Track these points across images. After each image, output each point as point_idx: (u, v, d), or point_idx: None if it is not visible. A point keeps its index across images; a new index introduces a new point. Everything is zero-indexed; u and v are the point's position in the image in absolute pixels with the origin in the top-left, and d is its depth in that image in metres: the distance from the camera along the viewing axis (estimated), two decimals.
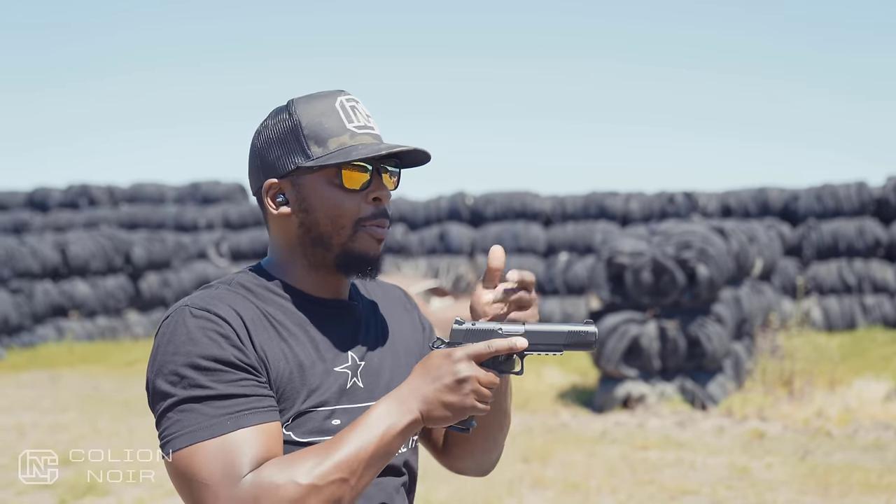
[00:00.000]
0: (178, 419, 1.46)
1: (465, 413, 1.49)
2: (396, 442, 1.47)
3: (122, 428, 8.76)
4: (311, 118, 1.60)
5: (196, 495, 1.44)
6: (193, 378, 1.47)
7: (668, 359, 9.79)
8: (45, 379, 12.19)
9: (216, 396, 1.47)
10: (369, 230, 1.60)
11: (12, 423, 8.99)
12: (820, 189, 17.07)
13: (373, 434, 1.46)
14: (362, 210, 1.60)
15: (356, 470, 1.44)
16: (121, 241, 17.20)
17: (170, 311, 1.55)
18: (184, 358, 1.48)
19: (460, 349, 1.50)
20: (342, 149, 1.58)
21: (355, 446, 1.44)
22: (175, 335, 1.51)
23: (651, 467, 7.24)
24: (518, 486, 6.71)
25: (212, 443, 1.44)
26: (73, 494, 6.30)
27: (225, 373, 1.48)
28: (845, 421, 8.77)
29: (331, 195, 1.59)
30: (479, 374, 1.49)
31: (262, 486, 1.41)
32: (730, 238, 10.69)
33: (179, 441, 1.45)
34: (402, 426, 1.47)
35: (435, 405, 1.48)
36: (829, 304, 15.88)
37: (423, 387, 1.48)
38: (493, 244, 18.28)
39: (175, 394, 1.47)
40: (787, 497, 6.35)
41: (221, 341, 1.49)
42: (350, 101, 1.63)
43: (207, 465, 1.43)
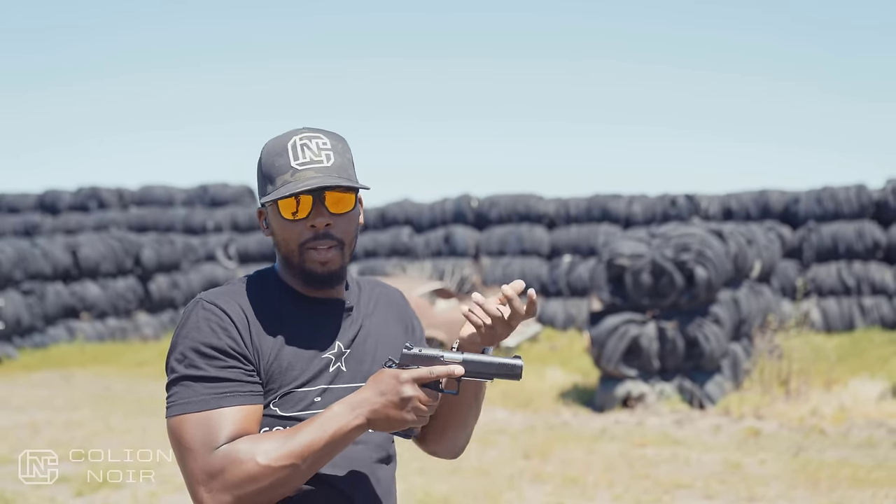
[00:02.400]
0: (177, 391, 1.81)
1: (406, 425, 1.78)
2: (344, 440, 1.77)
3: (135, 425, 8.99)
4: (268, 158, 1.92)
5: (182, 456, 1.78)
6: (193, 360, 1.82)
7: (667, 359, 10.00)
8: (58, 378, 12.43)
9: (208, 378, 1.81)
10: (311, 252, 1.89)
11: (26, 420, 9.22)
12: (820, 192, 17.24)
13: (325, 431, 1.75)
14: (303, 235, 1.89)
15: (307, 459, 1.74)
16: (130, 243, 17.44)
17: (191, 302, 1.89)
18: (189, 342, 1.83)
19: (406, 372, 1.77)
20: (284, 185, 1.87)
21: (309, 439, 1.75)
22: (187, 322, 1.86)
23: (647, 463, 7.45)
24: (518, 480, 6.93)
25: (197, 415, 1.78)
26: (89, 488, 6.53)
27: (218, 359, 1.82)
28: (839, 419, 8.97)
29: (279, 224, 1.91)
30: (420, 395, 1.76)
31: (229, 459, 1.74)
32: (728, 240, 10.89)
33: (174, 410, 1.80)
34: (349, 429, 1.76)
35: (380, 416, 1.77)
36: (828, 305, 16.06)
37: (372, 398, 1.77)
38: (497, 246, 18.58)
39: (178, 370, 1.82)
40: (777, 491, 6.56)
41: (220, 332, 1.83)
42: (304, 138, 1.92)
43: (192, 433, 1.78)
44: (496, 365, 1.83)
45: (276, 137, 1.94)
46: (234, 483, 1.72)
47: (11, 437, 8.35)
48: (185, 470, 1.77)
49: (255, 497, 1.73)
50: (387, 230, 19.93)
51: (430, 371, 1.77)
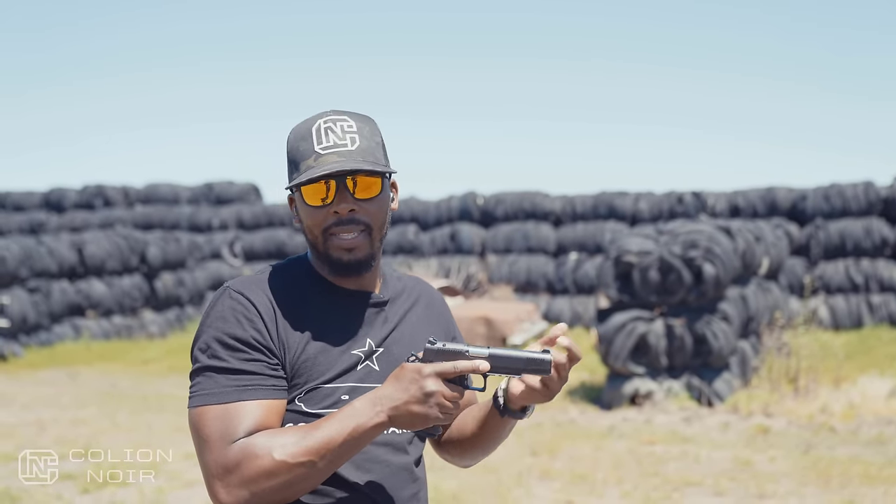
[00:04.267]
0: (199, 382, 1.77)
1: (429, 422, 1.70)
2: (364, 438, 1.70)
3: (141, 423, 8.97)
4: (293, 144, 1.86)
5: (200, 447, 1.74)
6: (216, 350, 1.77)
7: (675, 356, 9.95)
8: (64, 376, 12.41)
9: (230, 370, 1.75)
10: (334, 239, 1.83)
11: (33, 418, 9.20)
12: (827, 189, 17.16)
13: (344, 428, 1.68)
14: (326, 220, 1.83)
15: (325, 456, 1.68)
16: (136, 241, 17.42)
17: (219, 289, 1.83)
18: (214, 332, 1.78)
19: (430, 366, 1.69)
20: (306, 171, 1.82)
21: (328, 435, 1.68)
22: (213, 311, 1.81)
23: (656, 460, 7.41)
24: (526, 477, 6.89)
25: (217, 407, 1.73)
26: (96, 485, 6.50)
27: (242, 351, 1.76)
28: (849, 416, 8.92)
29: (304, 211, 1.85)
30: (444, 390, 1.68)
31: (245, 453, 1.68)
32: (736, 237, 10.84)
33: (195, 400, 1.76)
34: (370, 426, 1.69)
35: (402, 413, 1.68)
36: (836, 302, 15.99)
37: (394, 395, 1.69)
38: (503, 244, 18.53)
39: (201, 360, 1.78)
40: (787, 489, 6.52)
41: (245, 323, 1.77)
42: (328, 122, 1.85)
43: (211, 425, 1.73)
44: (524, 360, 1.76)
45: (302, 121, 1.87)
46: (249, 478, 1.67)
47: (18, 435, 8.33)
48: (202, 462, 1.73)
49: (271, 494, 1.68)
50: (392, 227, 19.89)
51: (454, 366, 1.69)
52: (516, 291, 17.70)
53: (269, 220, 21.43)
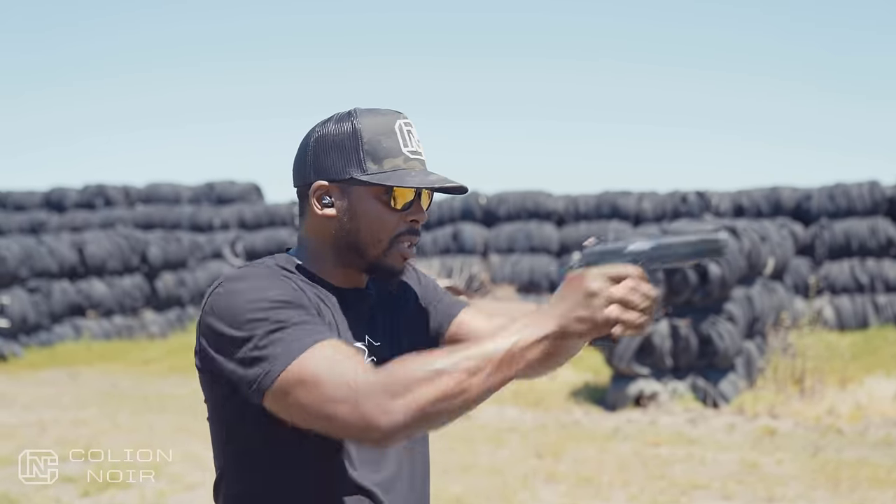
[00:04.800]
0: (266, 354, 1.54)
1: (600, 327, 1.54)
2: (531, 351, 1.52)
3: (142, 423, 8.90)
4: (373, 134, 1.71)
5: (319, 391, 1.50)
6: (269, 315, 1.56)
7: (680, 357, 9.87)
8: (64, 377, 12.35)
9: (296, 323, 1.56)
10: (402, 248, 1.73)
11: (34, 419, 9.13)
12: (832, 188, 17.08)
13: (509, 340, 1.51)
14: (399, 228, 1.72)
15: (485, 367, 1.50)
16: (137, 240, 17.35)
17: (219, 280, 1.66)
18: (254, 303, 1.57)
19: (594, 269, 1.56)
20: (395, 170, 1.69)
21: (490, 348, 1.51)
22: (240, 285, 1.61)
23: (662, 463, 7.33)
24: (532, 480, 6.81)
25: (320, 345, 1.53)
26: (96, 488, 6.43)
27: (296, 308, 1.59)
28: (856, 418, 8.84)
29: (376, 210, 1.70)
30: (611, 290, 1.54)
31: (388, 370, 1.49)
32: (741, 237, 10.76)
33: (280, 363, 1.52)
34: (537, 336, 1.53)
35: (569, 320, 1.53)
36: (841, 303, 15.90)
37: (559, 304, 1.55)
38: (506, 244, 18.48)
39: (255, 333, 1.55)
40: (796, 492, 6.44)
41: (283, 282, 1.63)
42: (407, 125, 1.75)
43: (325, 358, 1.52)
44: (693, 243, 1.57)
45: (370, 111, 1.74)
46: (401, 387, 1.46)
47: (18, 436, 8.26)
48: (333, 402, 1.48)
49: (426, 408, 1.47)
50: None
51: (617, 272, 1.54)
52: (519, 291, 17.64)
53: (271, 220, 21.37)
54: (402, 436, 1.49)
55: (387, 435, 1.47)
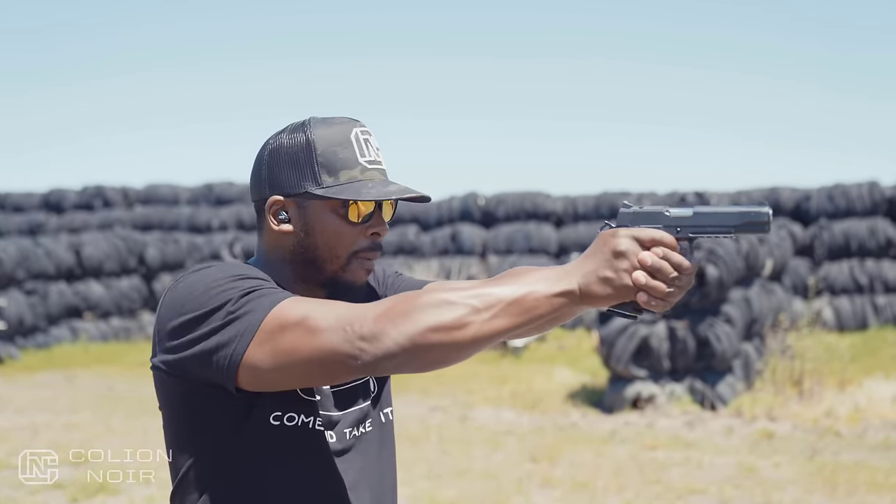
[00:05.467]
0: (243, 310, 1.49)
1: (622, 292, 1.46)
2: (543, 304, 1.45)
3: (136, 427, 8.84)
4: (327, 146, 1.63)
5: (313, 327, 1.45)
6: (244, 285, 1.52)
7: (678, 359, 9.82)
8: (61, 379, 12.30)
9: (273, 289, 1.53)
10: (361, 262, 1.66)
11: (26, 422, 9.08)
12: (831, 189, 17.03)
13: (523, 288, 1.45)
14: (359, 242, 1.65)
15: (492, 307, 1.42)
16: (135, 242, 17.31)
17: (175, 279, 1.61)
18: (221, 281, 1.53)
19: (625, 229, 1.50)
20: (352, 182, 1.62)
21: (501, 290, 1.44)
22: (205, 273, 1.56)
23: (659, 467, 7.27)
24: (526, 484, 6.75)
25: (291, 300, 1.49)
26: (85, 493, 6.37)
27: (266, 281, 1.56)
28: (854, 420, 8.78)
29: (333, 224, 1.64)
30: (641, 254, 1.47)
31: (387, 302, 1.44)
32: (739, 238, 10.70)
33: (258, 314, 1.48)
34: (554, 291, 1.45)
35: (592, 279, 1.46)
36: (840, 303, 15.84)
37: (584, 262, 1.48)
38: (505, 244, 18.44)
39: (227, 300, 1.50)
40: (793, 496, 6.38)
41: (246, 268, 1.57)
42: (364, 133, 1.67)
43: (304, 304, 1.48)
44: (736, 215, 1.49)
45: (324, 121, 1.66)
46: (397, 314, 1.40)
47: (10, 440, 8.21)
48: (314, 344, 1.43)
49: (422, 336, 1.39)
50: (393, 228, 19.77)
51: (652, 236, 1.47)
52: None
53: None
54: (394, 363, 1.41)
55: (378, 358, 1.41)
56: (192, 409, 1.60)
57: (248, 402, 1.57)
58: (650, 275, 1.47)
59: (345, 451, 1.68)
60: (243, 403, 1.57)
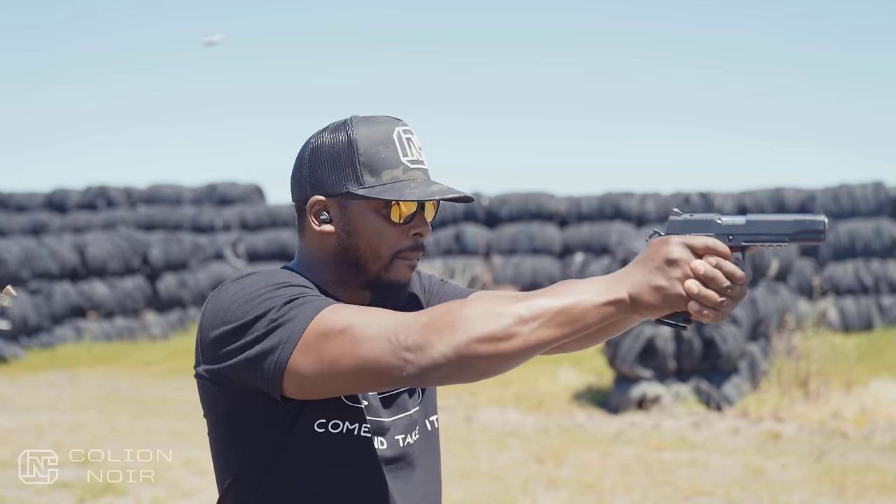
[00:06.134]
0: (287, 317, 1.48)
1: (673, 302, 1.43)
2: (592, 313, 1.43)
3: (140, 427, 8.83)
4: (369, 145, 1.62)
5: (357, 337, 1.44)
6: (287, 293, 1.51)
7: (684, 360, 9.79)
8: (64, 379, 12.29)
9: (317, 296, 1.53)
10: (404, 262, 1.64)
11: (31, 422, 9.07)
12: (836, 189, 16.99)
13: (570, 297, 1.43)
14: (401, 243, 1.63)
15: (539, 317, 1.41)
16: (138, 242, 17.30)
17: (219, 287, 1.60)
18: (264, 289, 1.52)
19: (677, 236, 1.47)
20: (395, 182, 1.61)
21: (547, 300, 1.42)
22: (247, 282, 1.55)
23: (665, 468, 7.25)
24: (533, 486, 6.73)
25: (339, 304, 1.50)
26: (92, 494, 6.36)
27: (310, 289, 1.55)
28: (861, 422, 8.75)
29: (376, 225, 1.62)
30: (693, 262, 1.43)
31: (430, 311, 1.43)
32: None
33: (303, 321, 1.47)
34: (603, 300, 1.43)
35: (643, 287, 1.44)
36: (845, 304, 15.80)
37: (635, 270, 1.46)
38: (508, 245, 18.43)
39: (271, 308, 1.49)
40: (801, 498, 6.35)
41: (299, 278, 1.58)
42: (406, 132, 1.66)
43: (350, 310, 1.47)
44: (790, 223, 1.47)
45: (366, 120, 1.65)
46: (444, 325, 1.38)
47: (14, 441, 8.19)
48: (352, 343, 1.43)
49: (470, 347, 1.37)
50: None
51: (705, 242, 1.44)
52: None
53: (273, 221, 21.30)
54: (440, 374, 1.40)
55: (424, 370, 1.40)
56: (236, 417, 1.59)
57: (293, 410, 1.55)
58: (703, 284, 1.44)
59: (394, 460, 1.65)
60: (288, 411, 1.55)
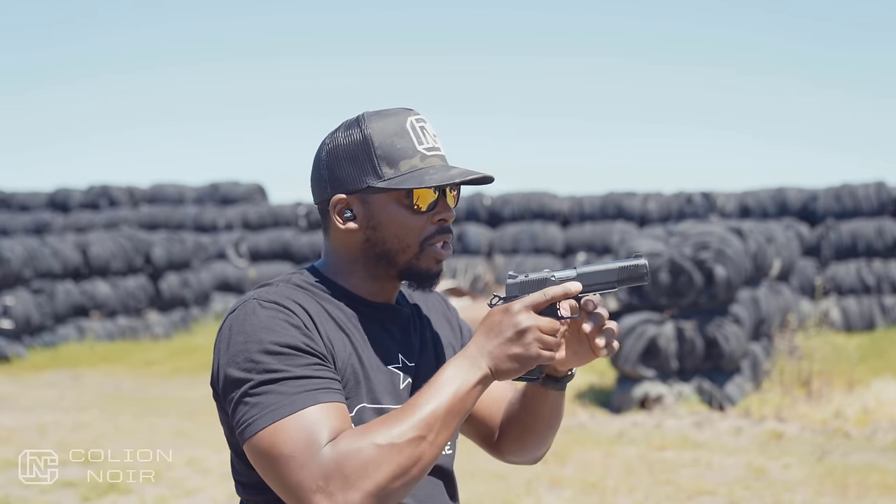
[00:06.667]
0: (257, 402, 1.52)
1: (532, 362, 1.54)
2: (469, 398, 1.52)
3: (143, 426, 8.85)
4: (384, 138, 1.65)
5: (282, 470, 1.49)
6: (268, 363, 1.53)
7: (686, 359, 9.80)
8: (67, 378, 12.31)
9: (291, 377, 1.53)
10: (434, 249, 1.68)
11: (34, 422, 9.08)
12: (839, 189, 17.00)
13: (446, 393, 1.50)
14: (427, 230, 1.67)
15: (433, 427, 1.48)
16: (141, 241, 17.32)
17: (236, 305, 1.62)
18: (257, 345, 1.55)
19: (517, 302, 1.55)
20: (413, 171, 1.64)
21: (431, 406, 1.49)
22: (245, 325, 1.57)
23: (668, 467, 7.26)
24: (536, 485, 6.75)
25: (292, 418, 1.49)
26: (96, 493, 6.37)
27: (297, 357, 1.55)
28: (863, 422, 8.76)
29: (399, 215, 1.65)
30: (539, 323, 1.53)
31: (342, 452, 1.46)
32: (747, 238, 10.69)
33: (262, 421, 1.51)
34: (473, 382, 1.52)
35: (501, 359, 1.53)
36: (847, 304, 15.81)
37: (487, 344, 1.53)
38: (511, 244, 18.43)
39: (250, 379, 1.53)
40: (803, 498, 6.36)
41: (292, 329, 1.56)
42: (419, 121, 1.69)
43: (291, 439, 1.48)
44: (616, 270, 1.61)
45: (377, 113, 1.68)
46: (356, 474, 1.44)
47: (18, 440, 8.21)
48: (290, 485, 1.47)
49: (386, 490, 1.46)
50: None
51: (543, 294, 1.55)
52: None
53: (275, 221, 21.32)
54: None
55: None
56: None
57: None
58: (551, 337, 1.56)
59: None
60: None
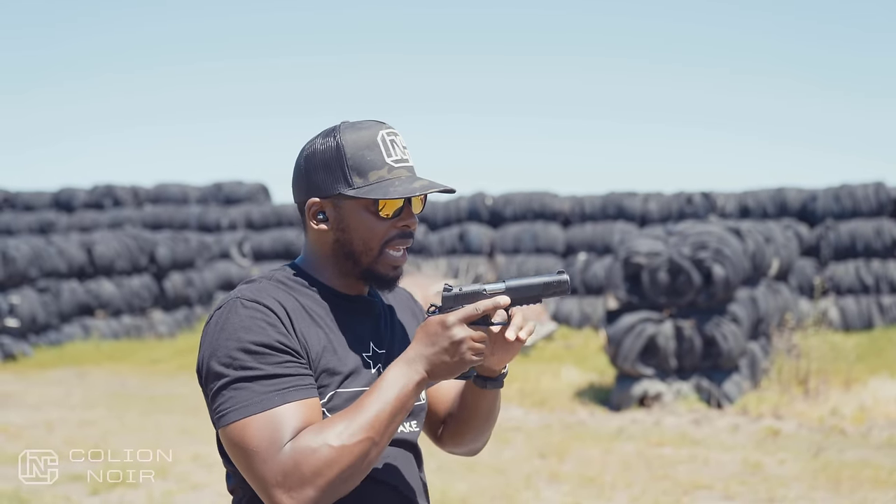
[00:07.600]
0: (232, 396, 1.71)
1: (465, 367, 1.74)
2: (410, 400, 1.72)
3: (150, 423, 8.97)
4: (355, 150, 1.83)
5: (248, 461, 1.69)
6: (244, 360, 1.72)
7: (685, 358, 9.91)
8: (73, 376, 12.43)
9: (264, 376, 1.71)
10: (390, 255, 1.85)
11: (41, 419, 9.21)
12: (838, 189, 17.09)
13: (390, 395, 1.70)
14: (388, 233, 1.85)
15: (379, 428, 1.69)
16: (145, 241, 17.44)
17: (222, 303, 1.80)
18: (236, 343, 1.73)
19: (452, 315, 1.74)
20: (381, 182, 1.82)
21: (376, 408, 1.69)
22: (228, 323, 1.75)
23: (665, 463, 7.38)
24: (535, 479, 6.87)
25: (261, 416, 1.68)
26: (105, 486, 6.50)
27: (271, 356, 1.73)
28: (860, 419, 8.87)
29: (366, 220, 1.83)
30: (471, 334, 1.73)
31: (300, 452, 1.65)
32: (746, 238, 10.79)
33: (234, 415, 1.70)
34: (412, 386, 1.72)
35: (437, 366, 1.73)
36: (846, 304, 15.91)
37: (424, 351, 1.73)
38: (512, 244, 18.53)
39: (228, 374, 1.72)
40: (798, 492, 6.48)
41: (269, 329, 1.74)
42: (391, 134, 1.87)
43: (256, 435, 1.68)
44: (541, 285, 1.81)
45: (352, 126, 1.86)
46: (311, 473, 1.64)
47: (26, 436, 8.33)
48: (255, 476, 1.68)
49: (337, 485, 1.66)
50: None
51: (475, 307, 1.74)
52: None
53: (278, 220, 21.45)
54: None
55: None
56: None
57: None
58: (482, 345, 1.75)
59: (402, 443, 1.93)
60: None
